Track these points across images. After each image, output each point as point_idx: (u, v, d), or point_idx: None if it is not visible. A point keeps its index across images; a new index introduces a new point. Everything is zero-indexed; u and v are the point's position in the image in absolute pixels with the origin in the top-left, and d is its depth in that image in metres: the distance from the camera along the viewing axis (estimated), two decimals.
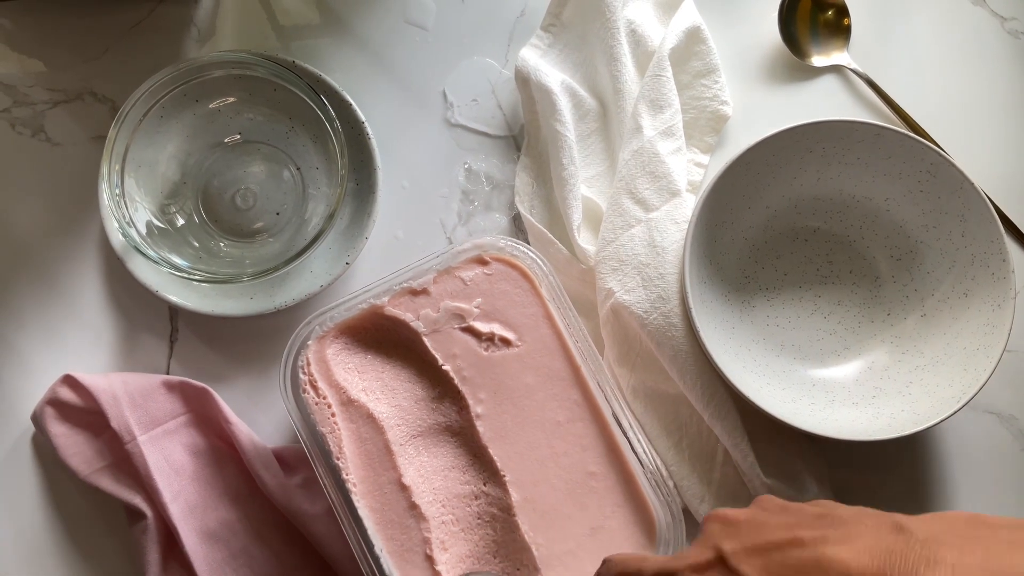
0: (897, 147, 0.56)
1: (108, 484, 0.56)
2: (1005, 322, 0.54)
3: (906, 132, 0.55)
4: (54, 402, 0.56)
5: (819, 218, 0.60)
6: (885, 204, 0.59)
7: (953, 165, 0.55)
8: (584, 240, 0.59)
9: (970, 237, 0.56)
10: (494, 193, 0.62)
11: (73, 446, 0.56)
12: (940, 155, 0.55)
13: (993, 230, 0.55)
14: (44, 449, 0.59)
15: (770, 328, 0.60)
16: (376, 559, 0.51)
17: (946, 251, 0.57)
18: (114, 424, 0.55)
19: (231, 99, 0.58)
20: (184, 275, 0.54)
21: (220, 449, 0.57)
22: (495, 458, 0.53)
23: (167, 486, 0.55)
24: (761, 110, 0.63)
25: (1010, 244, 0.55)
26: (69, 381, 0.56)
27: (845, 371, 0.59)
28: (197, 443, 0.57)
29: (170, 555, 0.55)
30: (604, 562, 0.43)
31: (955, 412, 0.52)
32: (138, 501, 0.55)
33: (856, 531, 0.35)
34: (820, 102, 0.64)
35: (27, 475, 0.58)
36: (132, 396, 0.56)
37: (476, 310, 0.55)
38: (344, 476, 0.52)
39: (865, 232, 0.60)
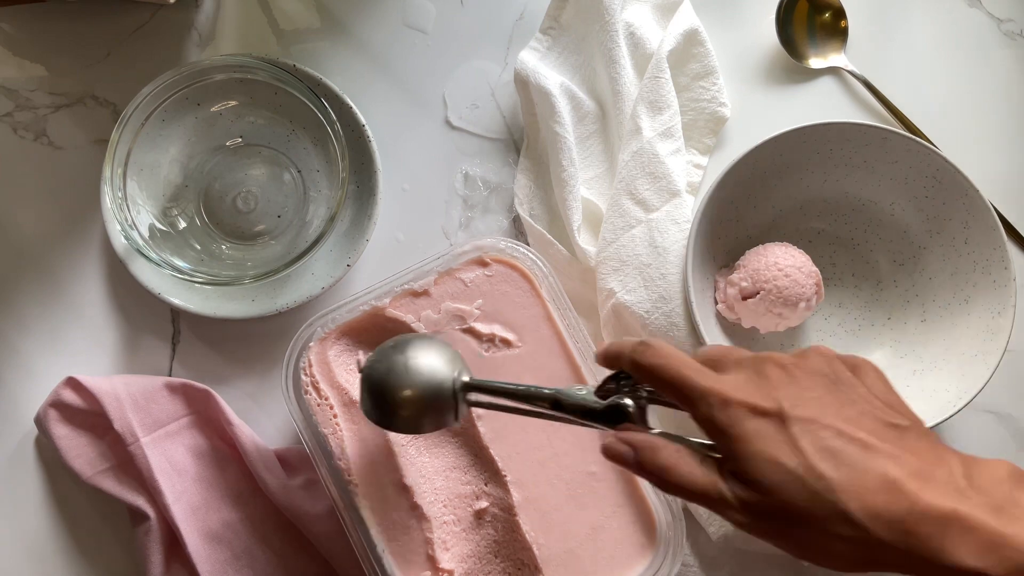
0: (904, 152, 0.56)
1: (111, 486, 0.56)
2: (1004, 329, 0.54)
3: (914, 137, 0.56)
4: (57, 404, 0.56)
5: (824, 220, 0.61)
6: (890, 208, 0.59)
7: (959, 172, 0.55)
8: (584, 241, 0.59)
9: (973, 244, 0.56)
10: (493, 196, 0.63)
11: (76, 448, 0.56)
12: (946, 161, 0.55)
13: (996, 238, 0.55)
14: (47, 451, 0.59)
15: None
16: (378, 559, 0.51)
17: (948, 257, 0.58)
18: (117, 426, 0.55)
19: (232, 103, 0.59)
20: (186, 277, 0.54)
21: (222, 450, 0.58)
22: (496, 458, 0.53)
23: (170, 487, 0.55)
24: (759, 112, 0.64)
25: (1012, 250, 0.56)
26: (72, 383, 0.57)
27: None
28: (199, 445, 0.57)
29: (173, 556, 0.55)
30: (642, 343, 0.39)
31: (950, 417, 0.53)
32: (141, 503, 0.55)
33: (927, 469, 0.34)
34: (818, 104, 0.64)
35: (30, 477, 0.59)
36: (135, 398, 0.56)
37: (477, 311, 0.55)
38: (346, 477, 0.52)
39: (869, 235, 0.60)
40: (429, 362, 0.46)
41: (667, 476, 0.37)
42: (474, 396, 0.46)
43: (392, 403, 0.46)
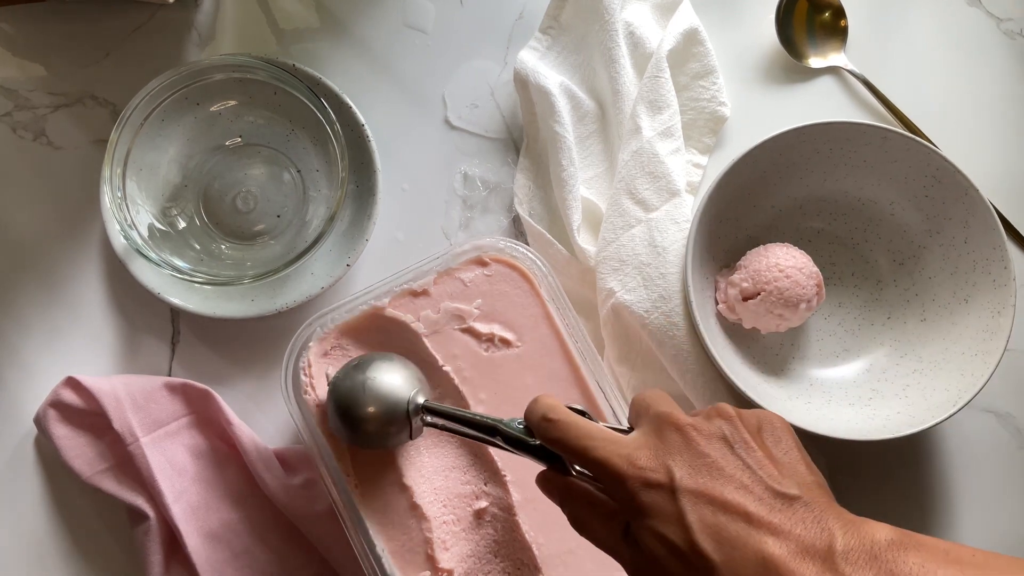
0: (903, 151, 0.56)
1: (110, 486, 0.56)
2: (1004, 329, 0.54)
3: (913, 137, 0.56)
4: (57, 404, 0.56)
5: (823, 219, 0.61)
6: (889, 208, 0.59)
7: (958, 171, 0.55)
8: (584, 240, 0.59)
9: (973, 243, 0.56)
10: (492, 196, 0.63)
11: (76, 448, 0.56)
12: (945, 161, 0.55)
13: (996, 237, 0.55)
14: (47, 451, 0.59)
15: None
16: (378, 559, 0.51)
17: (948, 256, 0.57)
18: (116, 426, 0.55)
19: (232, 102, 0.59)
20: (185, 277, 0.54)
21: (222, 450, 0.58)
22: (496, 458, 0.53)
23: (169, 487, 0.55)
24: (759, 111, 0.64)
25: (1012, 249, 0.56)
26: (71, 383, 0.57)
27: (843, 372, 0.59)
28: (199, 444, 0.57)
29: (172, 556, 0.55)
30: (545, 418, 0.42)
31: (949, 416, 0.53)
32: (140, 502, 0.55)
33: (808, 543, 0.35)
34: (817, 103, 0.64)
35: (30, 477, 0.59)
36: (134, 398, 0.56)
37: (476, 311, 0.55)
38: (345, 477, 0.52)
39: (868, 235, 0.60)
40: (387, 383, 0.51)
41: (577, 525, 0.41)
42: (429, 417, 0.50)
43: (352, 420, 0.51)
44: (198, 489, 0.56)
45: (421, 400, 0.50)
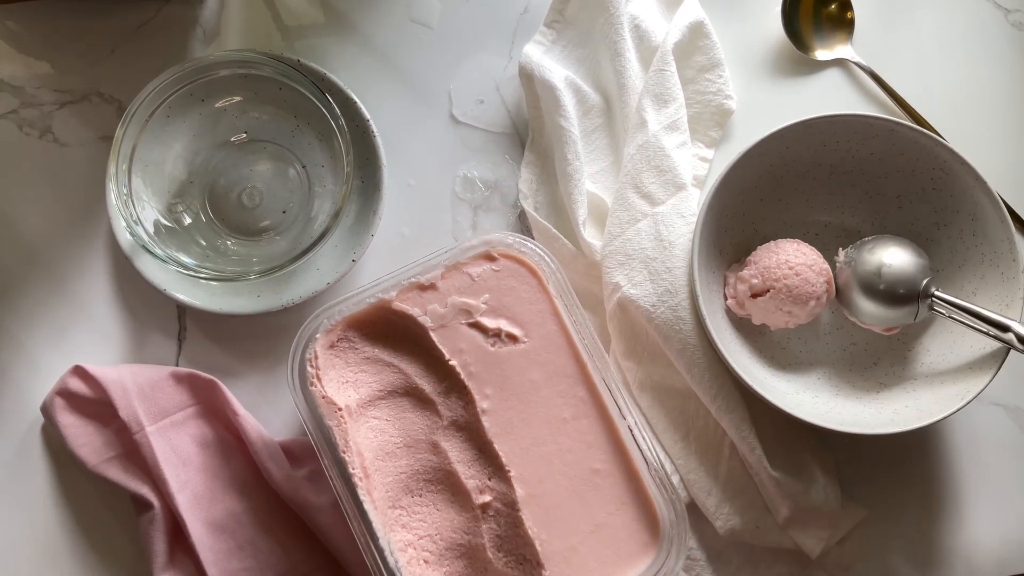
0: (910, 144, 0.56)
1: (116, 474, 0.56)
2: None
3: (920, 129, 0.55)
4: (64, 392, 0.57)
5: (830, 213, 0.60)
6: (897, 201, 0.59)
7: (966, 163, 0.55)
8: (589, 235, 0.59)
9: (981, 236, 0.56)
10: (496, 193, 0.63)
11: (82, 436, 0.56)
12: (953, 153, 0.55)
13: (1004, 230, 0.54)
14: (53, 439, 0.59)
15: None
16: (380, 551, 0.51)
17: (956, 249, 0.57)
18: (123, 414, 0.55)
19: (237, 98, 0.59)
20: (191, 273, 0.54)
21: (227, 441, 0.58)
22: (500, 453, 0.53)
23: (174, 476, 0.55)
24: (765, 104, 0.63)
25: (1020, 243, 0.55)
26: (79, 372, 0.57)
27: (851, 366, 0.59)
28: (205, 434, 0.58)
29: (176, 545, 0.55)
30: None
31: (957, 410, 0.52)
32: (145, 491, 0.55)
33: None
34: (824, 96, 0.64)
35: (36, 465, 0.59)
36: (141, 387, 0.56)
37: (483, 306, 0.55)
38: (350, 469, 0.52)
39: (876, 228, 0.60)
40: None
41: None
42: None
43: None
44: (203, 479, 0.56)
45: None
